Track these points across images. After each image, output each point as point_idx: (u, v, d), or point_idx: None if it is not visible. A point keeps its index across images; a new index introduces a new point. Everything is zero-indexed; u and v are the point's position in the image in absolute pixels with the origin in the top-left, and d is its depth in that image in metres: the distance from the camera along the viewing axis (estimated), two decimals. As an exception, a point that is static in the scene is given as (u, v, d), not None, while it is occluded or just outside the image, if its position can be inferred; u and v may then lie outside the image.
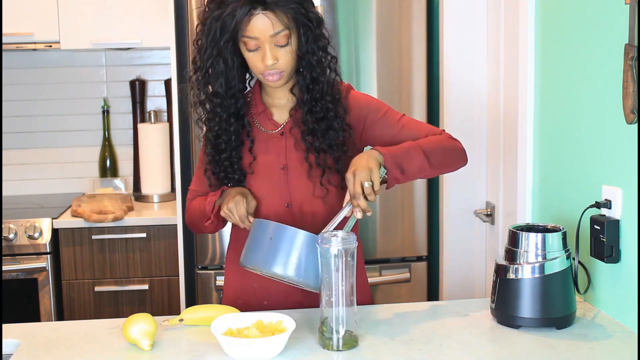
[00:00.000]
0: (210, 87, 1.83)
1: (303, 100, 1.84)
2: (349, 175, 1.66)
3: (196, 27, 1.83)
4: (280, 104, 1.91)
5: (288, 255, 1.61)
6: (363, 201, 1.64)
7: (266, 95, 1.92)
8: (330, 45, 1.85)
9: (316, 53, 1.80)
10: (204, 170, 1.94)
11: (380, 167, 1.69)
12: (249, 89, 1.95)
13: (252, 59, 1.78)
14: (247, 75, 1.91)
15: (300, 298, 1.90)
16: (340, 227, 1.67)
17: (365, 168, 1.66)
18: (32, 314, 3.13)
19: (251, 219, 1.79)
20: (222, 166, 1.88)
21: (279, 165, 1.88)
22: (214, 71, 1.80)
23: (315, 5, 2.89)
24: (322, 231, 1.64)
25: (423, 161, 1.76)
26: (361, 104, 1.90)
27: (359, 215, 1.65)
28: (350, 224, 1.68)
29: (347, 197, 1.69)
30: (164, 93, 3.69)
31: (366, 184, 1.64)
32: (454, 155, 1.85)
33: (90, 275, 3.19)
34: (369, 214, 1.67)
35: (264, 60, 1.75)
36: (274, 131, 1.90)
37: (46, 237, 3.12)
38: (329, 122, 1.83)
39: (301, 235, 1.62)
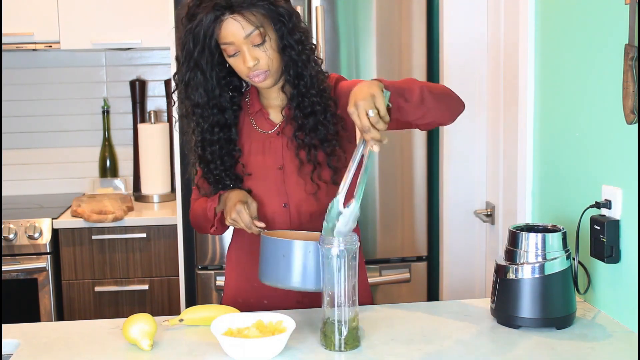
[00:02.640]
0: (190, 98, 1.84)
1: (291, 97, 1.85)
2: (351, 109, 1.54)
3: (177, 44, 1.85)
4: (276, 104, 1.91)
5: (305, 269, 1.64)
6: (375, 132, 1.51)
7: (262, 97, 1.93)
8: (315, 39, 1.85)
9: (294, 47, 1.80)
10: (193, 181, 1.96)
11: (382, 91, 1.58)
12: (247, 88, 1.95)
13: (234, 64, 1.80)
14: (244, 83, 1.92)
15: (299, 297, 1.90)
16: (359, 168, 1.57)
17: (367, 96, 1.53)
18: (32, 314, 3.13)
19: (257, 223, 1.79)
20: (214, 174, 1.89)
21: (276, 166, 1.88)
22: (193, 83, 1.82)
23: (316, 5, 2.90)
24: (345, 181, 1.56)
25: (424, 91, 1.67)
26: (349, 91, 1.89)
27: (376, 148, 1.52)
28: (369, 164, 1.57)
29: (359, 135, 1.59)
30: (164, 93, 3.69)
31: (371, 113, 1.51)
32: (453, 97, 1.78)
33: (90, 275, 3.19)
34: (385, 141, 1.54)
35: (245, 62, 1.77)
36: (270, 131, 1.90)
37: (46, 237, 3.12)
38: (318, 117, 1.83)
39: (311, 247, 1.64)
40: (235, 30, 1.74)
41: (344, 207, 1.56)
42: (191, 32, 1.76)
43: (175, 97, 1.91)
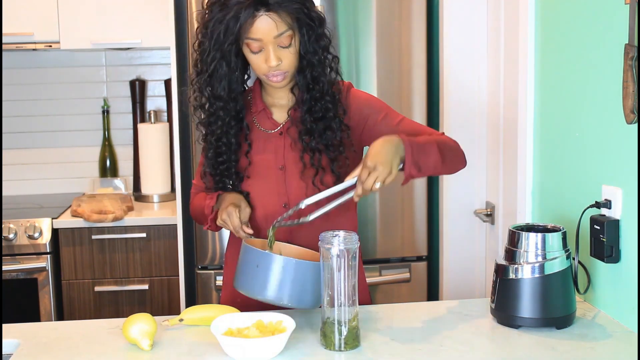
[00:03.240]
0: (212, 89, 1.82)
1: (302, 100, 1.84)
2: (370, 163, 1.62)
3: (196, 30, 1.83)
4: (281, 104, 1.91)
5: (278, 283, 1.64)
6: (367, 192, 1.63)
7: (266, 95, 1.92)
8: (332, 45, 1.86)
9: (318, 53, 1.80)
10: (202, 174, 1.95)
11: (399, 165, 1.67)
12: (247, 88, 1.95)
13: (255, 60, 1.78)
14: (246, 76, 1.91)
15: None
16: (331, 199, 1.69)
17: (387, 165, 1.63)
18: (32, 314, 3.13)
19: (245, 229, 1.81)
20: (220, 169, 1.88)
21: (277, 165, 1.88)
22: (217, 74, 1.80)
23: (316, 5, 2.90)
24: (310, 198, 1.69)
25: (437, 159, 1.74)
26: (362, 104, 1.89)
27: (356, 199, 1.66)
28: (341, 201, 1.68)
29: (354, 173, 1.67)
30: (164, 93, 3.69)
31: (377, 185, 1.62)
32: (459, 157, 1.85)
33: (90, 275, 3.19)
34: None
35: (268, 61, 1.75)
36: (272, 131, 1.90)
37: (46, 237, 3.12)
38: (327, 122, 1.83)
39: (289, 263, 1.64)
40: (268, 28, 1.72)
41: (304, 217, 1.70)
42: (223, 22, 1.73)
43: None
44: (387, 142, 1.67)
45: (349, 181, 1.68)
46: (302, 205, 1.69)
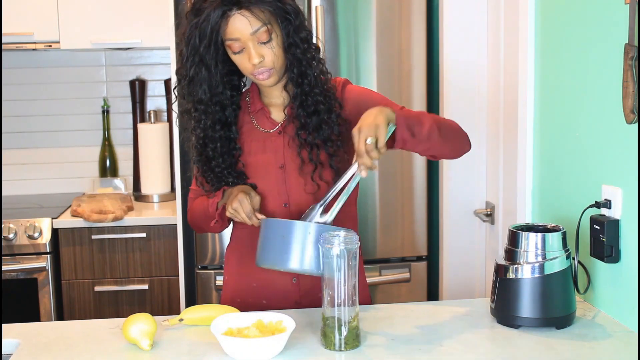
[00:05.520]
0: (193, 94, 1.83)
1: (294, 96, 1.85)
2: (354, 132, 1.62)
3: (180, 39, 1.84)
4: (277, 103, 1.91)
5: (303, 250, 1.63)
6: (367, 159, 1.60)
7: (263, 96, 1.92)
8: (316, 37, 1.86)
9: (299, 45, 1.80)
10: (195, 179, 1.94)
11: (388, 124, 1.65)
12: (246, 87, 1.95)
13: (239, 61, 1.79)
14: (245, 79, 1.91)
15: (298, 297, 1.90)
16: (344, 187, 1.69)
17: (372, 125, 1.61)
18: (32, 314, 3.13)
19: (259, 215, 1.79)
20: (214, 172, 1.88)
21: (277, 165, 1.88)
22: (197, 79, 1.81)
23: (316, 5, 2.90)
24: (329, 193, 1.69)
25: (433, 128, 1.74)
26: (360, 98, 1.89)
27: (363, 173, 1.62)
28: (352, 185, 1.67)
29: (353, 159, 1.67)
30: (164, 93, 3.70)
31: (369, 140, 1.59)
32: (461, 137, 1.85)
33: (90, 275, 3.19)
34: (375, 169, 1.64)
35: (250, 59, 1.76)
36: (271, 130, 1.90)
37: (46, 237, 3.12)
38: (322, 116, 1.83)
39: (313, 228, 1.63)
40: (242, 26, 1.73)
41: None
42: (197, 27, 1.75)
43: (175, 92, 1.90)
44: (371, 109, 1.67)
45: (353, 166, 1.67)
46: (319, 209, 1.70)
